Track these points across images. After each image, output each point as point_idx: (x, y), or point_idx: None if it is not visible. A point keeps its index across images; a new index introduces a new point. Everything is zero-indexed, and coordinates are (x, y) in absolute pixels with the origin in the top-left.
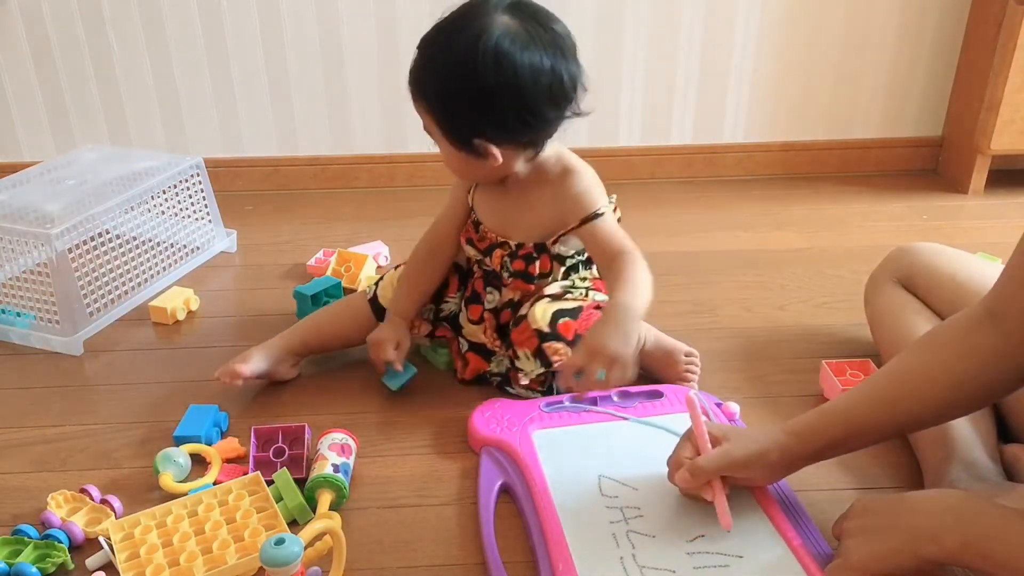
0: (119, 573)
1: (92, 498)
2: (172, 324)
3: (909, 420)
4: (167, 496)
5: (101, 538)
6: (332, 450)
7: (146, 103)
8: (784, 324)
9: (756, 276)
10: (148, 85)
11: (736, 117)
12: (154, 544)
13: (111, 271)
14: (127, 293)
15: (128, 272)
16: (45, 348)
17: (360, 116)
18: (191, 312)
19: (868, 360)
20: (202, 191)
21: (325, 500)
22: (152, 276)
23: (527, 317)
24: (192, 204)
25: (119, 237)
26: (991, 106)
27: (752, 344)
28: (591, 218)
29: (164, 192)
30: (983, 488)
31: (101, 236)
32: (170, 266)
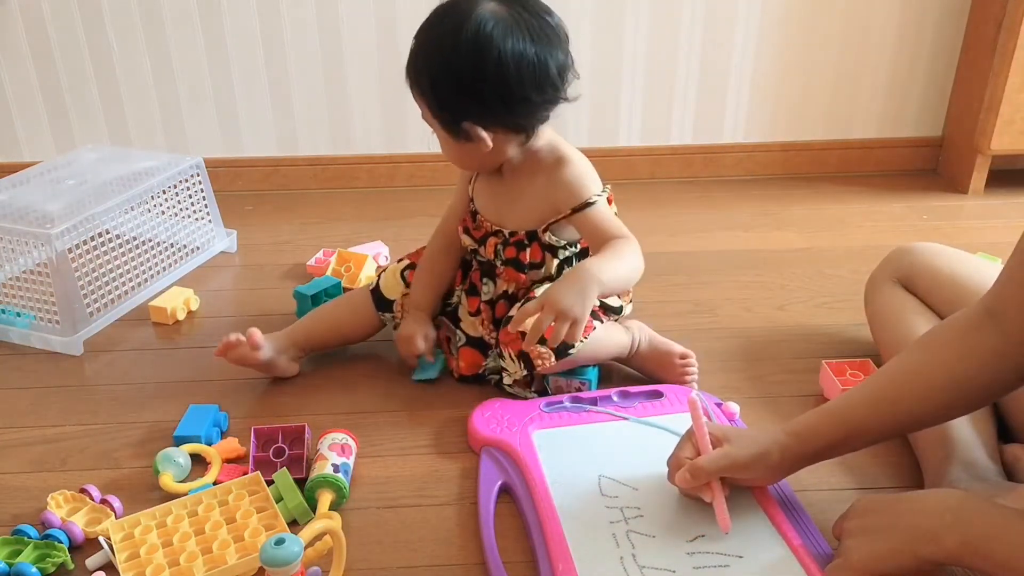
0: (119, 573)
1: (92, 498)
2: (172, 324)
3: (909, 420)
4: (167, 496)
5: (101, 538)
6: (332, 450)
7: (146, 103)
8: (784, 324)
9: (756, 276)
10: (148, 85)
11: (736, 117)
12: (154, 544)
13: (111, 271)
14: (127, 293)
15: (128, 272)
16: (45, 348)
17: (360, 116)
18: (191, 312)
19: (868, 360)
20: (202, 191)
21: (325, 500)
22: (152, 276)
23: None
24: (192, 204)
25: (119, 237)
26: (991, 106)
27: (752, 344)
28: (583, 206)
29: (164, 192)
30: (983, 488)
31: (101, 236)
32: (170, 266)
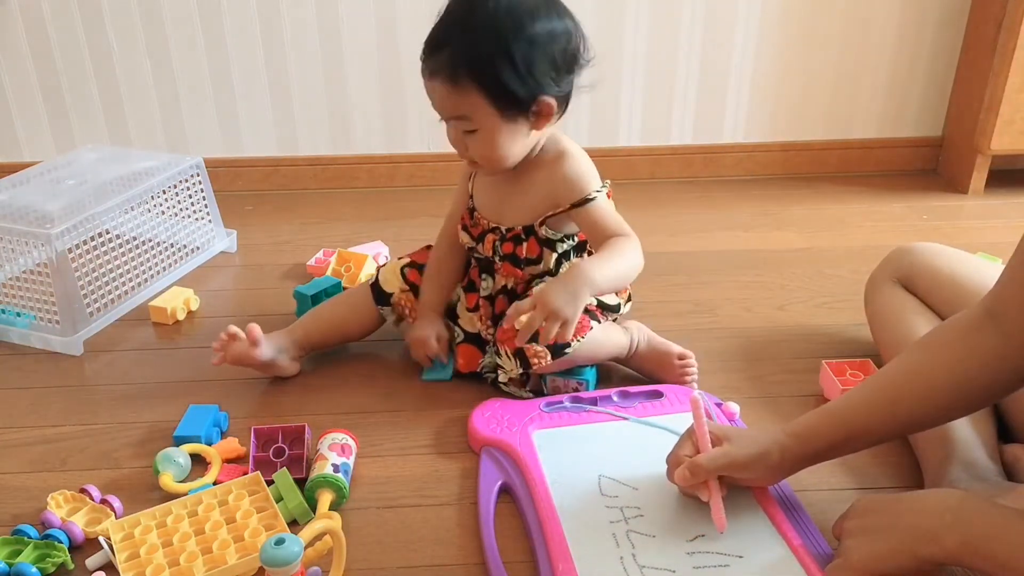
0: (119, 573)
1: (92, 498)
2: (172, 324)
3: (909, 421)
4: (167, 496)
5: (101, 538)
6: (332, 450)
7: (146, 103)
8: (784, 324)
9: (756, 276)
10: (148, 85)
11: (736, 117)
12: (154, 544)
13: (111, 271)
14: (127, 293)
15: (128, 272)
16: (45, 348)
17: (360, 116)
18: (191, 312)
19: (868, 360)
20: (202, 191)
21: (325, 500)
22: (152, 276)
23: None
24: (192, 204)
25: (119, 237)
26: (991, 106)
27: (752, 344)
28: (583, 202)
29: (164, 192)
30: (983, 488)
31: (101, 236)
32: (170, 266)
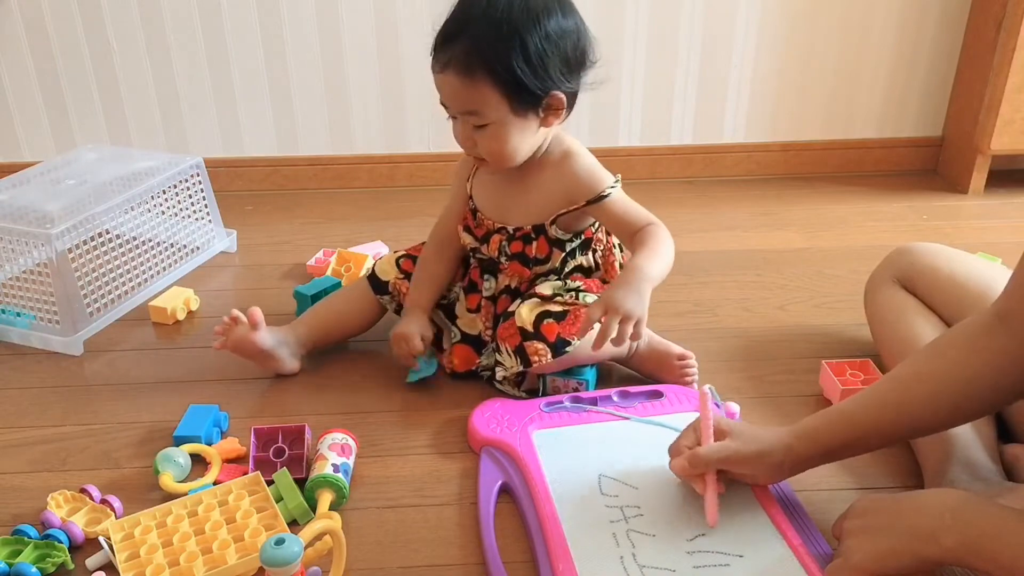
0: (119, 573)
1: (92, 498)
2: (172, 324)
3: (918, 424)
4: (167, 496)
5: (101, 538)
6: (332, 450)
7: (146, 103)
8: (784, 324)
9: (756, 276)
10: (148, 85)
11: (736, 117)
12: (154, 544)
13: (111, 271)
14: (127, 293)
15: (128, 272)
16: (45, 348)
17: (360, 116)
18: (191, 312)
19: (868, 360)
20: (202, 191)
21: (325, 500)
22: (152, 276)
23: (514, 314)
24: (192, 204)
25: (119, 237)
26: (991, 106)
27: (752, 344)
28: (600, 198)
29: (164, 192)
30: (983, 488)
31: (101, 236)
32: (170, 266)
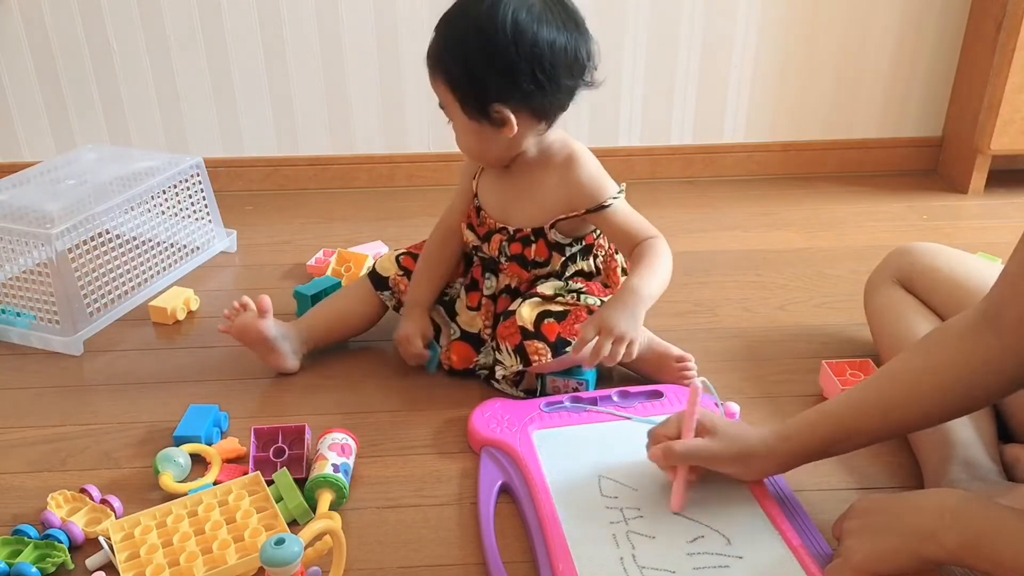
0: (119, 573)
1: (92, 498)
2: (172, 324)
3: (903, 422)
4: (167, 496)
5: (101, 538)
6: (332, 450)
7: (146, 103)
8: (784, 324)
9: (756, 276)
10: (148, 85)
11: (736, 117)
12: (154, 544)
13: (111, 271)
14: (127, 293)
15: (128, 272)
16: (45, 348)
17: (360, 116)
18: (191, 312)
19: (868, 360)
20: (202, 191)
21: (325, 500)
22: (152, 276)
23: (515, 313)
24: (192, 204)
25: (119, 237)
26: (991, 106)
27: (752, 344)
28: (602, 207)
29: (164, 192)
30: (983, 488)
31: (101, 236)
32: (170, 266)
